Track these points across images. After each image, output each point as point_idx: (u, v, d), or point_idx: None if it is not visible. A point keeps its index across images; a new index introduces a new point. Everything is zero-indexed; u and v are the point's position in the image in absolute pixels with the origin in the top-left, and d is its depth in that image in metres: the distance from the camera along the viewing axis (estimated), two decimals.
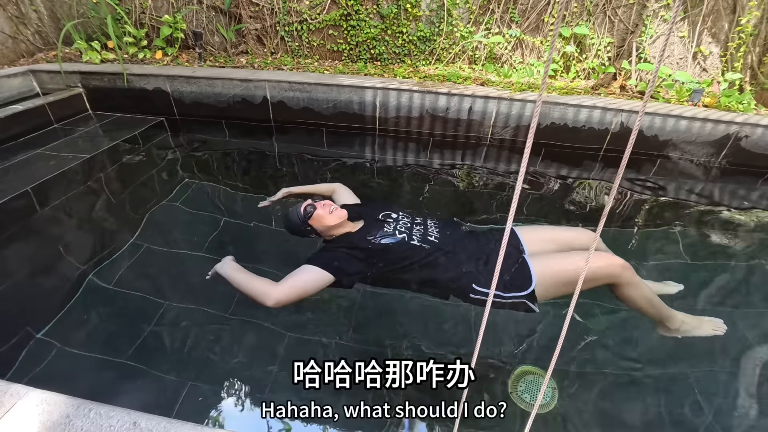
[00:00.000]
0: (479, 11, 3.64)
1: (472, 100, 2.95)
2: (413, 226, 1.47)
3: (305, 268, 1.32)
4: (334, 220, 1.44)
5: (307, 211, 1.45)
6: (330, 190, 1.82)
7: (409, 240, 1.38)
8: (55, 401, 0.72)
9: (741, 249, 2.04)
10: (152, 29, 3.74)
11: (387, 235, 1.39)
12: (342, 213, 1.47)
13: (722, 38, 3.42)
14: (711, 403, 1.26)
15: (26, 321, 1.40)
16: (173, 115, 3.20)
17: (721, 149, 2.86)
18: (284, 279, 1.29)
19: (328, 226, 1.45)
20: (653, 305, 1.35)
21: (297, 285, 1.27)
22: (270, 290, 1.24)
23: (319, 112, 3.10)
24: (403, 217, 1.51)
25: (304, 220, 1.45)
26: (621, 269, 1.27)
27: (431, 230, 1.46)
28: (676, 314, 1.39)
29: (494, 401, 1.25)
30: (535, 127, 0.38)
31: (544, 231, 1.55)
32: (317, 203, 1.48)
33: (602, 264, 1.27)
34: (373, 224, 1.46)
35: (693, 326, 1.41)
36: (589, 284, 1.29)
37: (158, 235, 1.90)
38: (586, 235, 1.51)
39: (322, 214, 1.44)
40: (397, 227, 1.43)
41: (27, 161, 2.30)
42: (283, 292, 1.24)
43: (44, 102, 2.79)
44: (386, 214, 1.52)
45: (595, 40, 3.60)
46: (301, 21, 3.71)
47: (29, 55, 3.43)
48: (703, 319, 1.44)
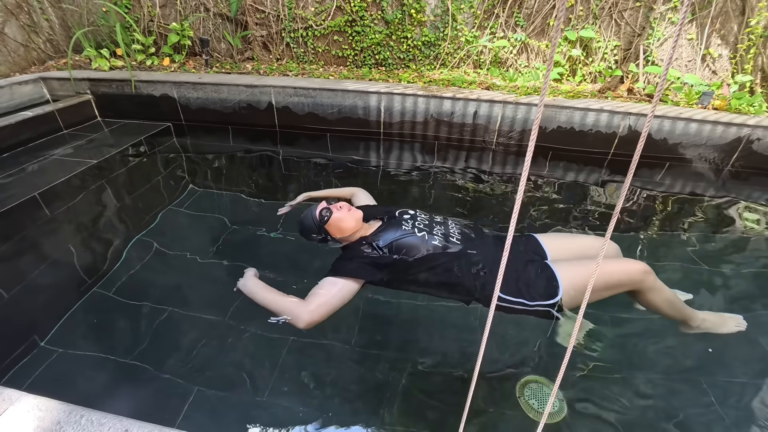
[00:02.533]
0: (484, 16, 3.64)
1: (478, 104, 2.93)
2: (433, 224, 1.41)
3: (330, 281, 1.26)
4: (350, 222, 1.40)
5: (323, 215, 1.41)
6: (350, 194, 1.78)
7: (431, 240, 1.33)
8: (47, 407, 0.70)
9: (756, 252, 1.99)
10: (160, 37, 3.80)
11: (406, 233, 1.34)
12: (358, 214, 1.43)
13: (731, 40, 3.37)
14: (727, 408, 1.21)
15: (29, 327, 1.40)
16: (180, 121, 3.23)
17: (732, 152, 2.80)
18: (310, 297, 1.23)
19: (344, 229, 1.40)
20: (674, 307, 1.34)
21: (326, 302, 1.21)
22: (299, 312, 1.19)
23: (324, 117, 3.11)
24: (421, 214, 1.46)
25: (320, 225, 1.41)
26: (644, 274, 1.26)
27: (452, 231, 1.40)
28: (697, 313, 1.37)
29: (502, 406, 1.23)
30: (536, 134, 0.36)
31: (566, 238, 1.52)
32: (332, 206, 1.43)
33: (627, 270, 1.26)
34: (391, 223, 1.41)
35: (715, 323, 1.38)
36: (613, 291, 1.28)
37: (164, 240, 1.90)
38: (607, 245, 1.48)
39: (339, 216, 1.39)
40: (415, 224, 1.38)
41: (35, 167, 2.33)
42: (312, 314, 1.19)
43: (54, 108, 2.84)
44: (403, 211, 1.47)
45: (601, 44, 3.57)
46: (306, 27, 3.73)
47: (40, 63, 3.49)
48: (724, 315, 1.42)
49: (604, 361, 1.37)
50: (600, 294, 1.27)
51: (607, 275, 1.25)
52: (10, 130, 2.52)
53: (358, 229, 1.42)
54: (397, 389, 1.27)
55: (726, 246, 2.04)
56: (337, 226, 1.40)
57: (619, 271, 1.26)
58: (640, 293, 1.29)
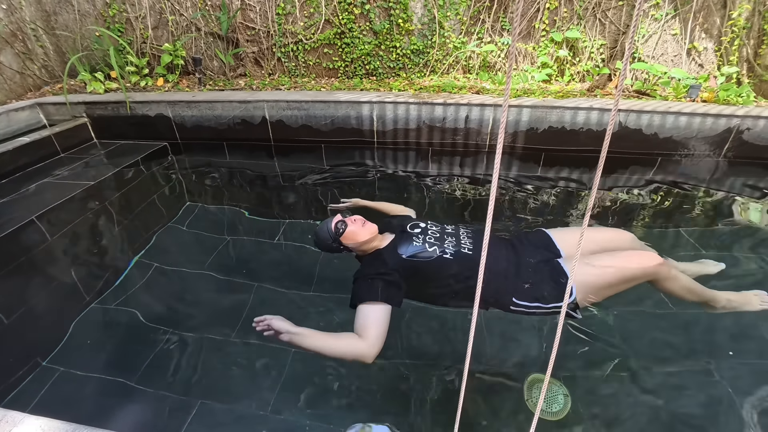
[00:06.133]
0: (470, 22, 3.70)
1: (469, 109, 2.96)
2: (444, 236, 1.43)
3: (365, 309, 1.25)
4: (365, 235, 1.44)
5: (338, 228, 1.44)
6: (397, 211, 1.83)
7: (442, 254, 1.35)
8: (51, 427, 0.71)
9: (757, 240, 2.00)
10: (153, 58, 3.85)
11: (417, 249, 1.36)
12: (372, 228, 1.47)
13: (715, 33, 3.43)
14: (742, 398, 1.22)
15: (31, 347, 1.41)
16: (175, 140, 3.27)
17: (723, 143, 2.82)
18: (361, 331, 1.22)
19: (359, 242, 1.44)
20: (694, 293, 1.37)
21: (378, 331, 1.21)
22: (363, 351, 1.17)
23: (318, 128, 3.14)
24: (432, 226, 1.48)
25: (335, 237, 1.44)
26: (658, 266, 1.29)
27: (463, 240, 1.42)
28: (720, 294, 1.40)
29: (510, 408, 1.23)
30: (503, 134, 0.38)
31: (578, 233, 1.53)
32: (347, 219, 1.47)
33: (640, 264, 1.29)
34: (402, 237, 1.43)
35: (740, 302, 1.41)
36: (630, 284, 1.31)
37: (163, 258, 1.91)
38: (621, 235, 1.50)
39: (353, 230, 1.43)
40: (426, 238, 1.41)
41: (33, 191, 2.36)
42: (374, 347, 1.18)
43: (50, 133, 2.87)
44: (414, 224, 1.50)
45: (587, 43, 3.63)
46: (296, 42, 3.79)
47: (36, 89, 3.54)
48: (748, 294, 1.44)
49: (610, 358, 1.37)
50: (617, 288, 1.31)
51: (622, 270, 1.28)
52: (8, 156, 2.55)
53: (372, 240, 1.46)
54: (405, 398, 1.27)
55: (726, 234, 2.05)
56: (352, 239, 1.44)
57: (633, 266, 1.29)
58: (658, 282, 1.33)
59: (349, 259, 1.55)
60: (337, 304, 1.59)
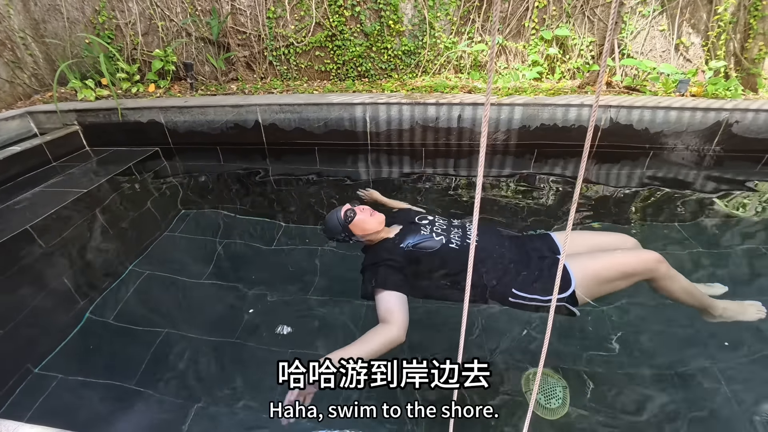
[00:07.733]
0: (460, 22, 3.72)
1: (461, 108, 2.98)
2: (451, 228, 1.46)
3: (383, 296, 1.26)
4: (373, 224, 1.46)
5: (348, 216, 1.46)
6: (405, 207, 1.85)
7: (448, 243, 1.38)
8: None
9: (750, 232, 2.02)
10: (144, 64, 3.84)
11: (425, 238, 1.39)
12: (381, 217, 1.49)
13: (702, 28, 3.47)
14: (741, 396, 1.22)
15: (26, 355, 1.39)
16: (168, 145, 3.25)
17: (713, 137, 2.86)
18: (387, 316, 1.22)
19: (367, 230, 1.46)
20: (692, 296, 1.36)
21: (402, 311, 1.22)
22: (394, 334, 1.17)
23: (311, 131, 3.14)
24: (439, 219, 1.52)
25: (344, 225, 1.46)
26: (656, 263, 1.29)
27: (470, 233, 1.45)
28: (718, 302, 1.40)
29: (507, 401, 1.23)
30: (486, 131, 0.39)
31: (581, 236, 1.55)
32: (356, 208, 1.49)
33: (639, 260, 1.29)
34: (410, 228, 1.47)
35: (736, 311, 1.40)
36: (628, 281, 1.31)
37: (159, 263, 1.90)
38: (623, 239, 1.51)
39: (362, 218, 1.45)
40: (433, 229, 1.44)
41: (25, 200, 2.34)
42: (403, 327, 1.19)
43: (41, 141, 2.85)
44: (422, 216, 1.54)
45: (577, 41, 3.66)
46: (287, 45, 3.79)
47: (26, 98, 3.51)
48: (744, 303, 1.44)
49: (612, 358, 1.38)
50: (616, 284, 1.31)
51: (620, 265, 1.29)
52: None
53: (380, 230, 1.48)
54: (403, 393, 1.27)
55: (720, 228, 2.07)
56: (361, 227, 1.46)
57: (633, 261, 1.29)
58: (656, 281, 1.32)
59: (348, 261, 1.56)
60: (336, 306, 1.59)
